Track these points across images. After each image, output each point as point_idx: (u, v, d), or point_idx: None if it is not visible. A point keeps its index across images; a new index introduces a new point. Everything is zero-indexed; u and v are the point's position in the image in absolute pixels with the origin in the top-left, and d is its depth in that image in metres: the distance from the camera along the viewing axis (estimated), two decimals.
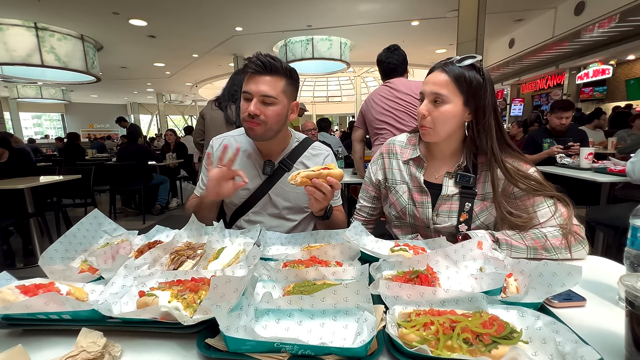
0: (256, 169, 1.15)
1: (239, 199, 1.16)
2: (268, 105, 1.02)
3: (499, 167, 0.90)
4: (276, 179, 1.15)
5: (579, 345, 0.44)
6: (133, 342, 0.54)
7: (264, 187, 1.15)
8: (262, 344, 0.47)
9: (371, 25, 6.31)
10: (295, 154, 1.17)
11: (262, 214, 1.17)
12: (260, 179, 1.15)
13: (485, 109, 0.89)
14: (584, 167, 2.46)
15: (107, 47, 7.03)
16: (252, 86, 1.01)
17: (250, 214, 1.17)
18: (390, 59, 2.16)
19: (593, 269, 0.77)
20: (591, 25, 5.28)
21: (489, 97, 0.89)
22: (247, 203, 1.16)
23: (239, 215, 1.18)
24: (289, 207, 1.17)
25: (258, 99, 1.00)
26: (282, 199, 1.16)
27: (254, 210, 1.16)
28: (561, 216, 0.85)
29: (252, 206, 1.16)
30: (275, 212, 1.17)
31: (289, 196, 1.16)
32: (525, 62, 7.82)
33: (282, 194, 1.15)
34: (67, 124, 17.05)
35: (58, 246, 0.80)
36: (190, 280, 0.62)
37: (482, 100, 0.89)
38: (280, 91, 1.02)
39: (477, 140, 0.93)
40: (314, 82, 16.82)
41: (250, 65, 1.00)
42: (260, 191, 1.15)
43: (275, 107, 1.03)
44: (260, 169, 1.15)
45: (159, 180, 4.74)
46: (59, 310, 0.55)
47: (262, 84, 1.00)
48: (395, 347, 0.49)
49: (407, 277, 0.65)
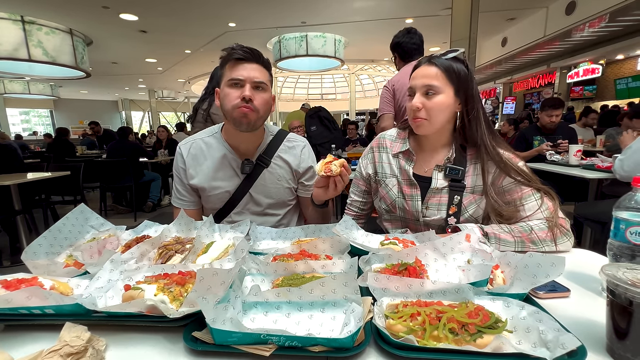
0: (233, 169, 1.11)
1: (220, 202, 1.12)
2: (260, 92, 1.00)
3: (491, 156, 0.92)
4: (255, 176, 1.11)
5: (560, 333, 0.44)
6: (118, 336, 0.53)
7: (243, 187, 1.11)
8: (248, 335, 0.46)
9: (365, 23, 6.30)
10: (272, 148, 1.13)
11: (245, 213, 1.14)
12: (239, 179, 1.11)
13: (474, 99, 0.92)
14: (573, 164, 2.50)
15: (97, 42, 6.89)
16: (242, 72, 0.98)
17: (232, 215, 1.14)
18: (413, 40, 2.23)
19: (578, 261, 0.79)
20: (582, 24, 5.36)
21: (475, 88, 0.93)
22: (228, 205, 1.12)
23: (221, 218, 1.14)
24: (272, 203, 1.15)
25: (251, 84, 0.98)
26: (263, 196, 1.13)
27: (236, 211, 1.13)
28: (547, 209, 0.86)
29: (234, 207, 1.13)
30: (259, 210, 1.14)
31: (270, 192, 1.13)
32: (518, 60, 7.92)
33: (263, 191, 1.13)
34: (57, 120, 16.70)
35: (42, 241, 0.78)
36: (177, 273, 0.62)
37: (470, 91, 0.92)
38: (267, 79, 1.02)
39: (467, 131, 0.95)
40: (308, 80, 16.76)
41: (237, 52, 0.98)
42: (241, 191, 1.11)
43: (265, 95, 1.02)
44: (237, 168, 1.11)
45: (150, 177, 4.68)
46: (42, 304, 0.53)
47: (251, 70, 0.98)
48: (382, 338, 0.49)
49: (395, 269, 0.65)
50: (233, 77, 0.98)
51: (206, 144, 1.13)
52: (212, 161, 1.10)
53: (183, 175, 1.12)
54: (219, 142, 1.12)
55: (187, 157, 1.12)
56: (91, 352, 0.47)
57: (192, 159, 1.12)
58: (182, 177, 1.13)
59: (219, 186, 1.11)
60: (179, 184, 1.14)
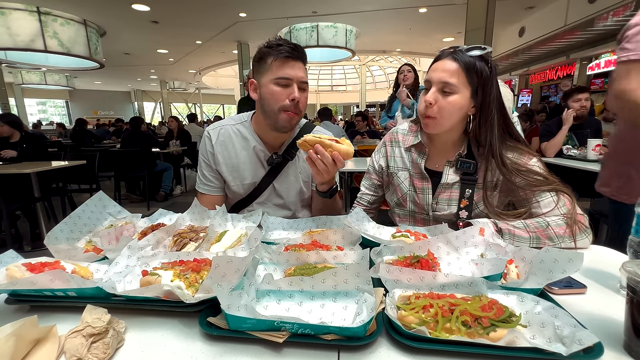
0: (260, 161, 1.11)
1: (243, 192, 1.13)
2: (303, 93, 0.99)
3: (496, 161, 0.90)
4: (280, 168, 1.11)
5: (577, 329, 0.44)
6: (137, 319, 0.55)
7: (268, 179, 1.12)
8: (262, 322, 0.47)
9: (378, 12, 6.18)
10: None
11: (267, 204, 1.15)
12: (264, 170, 1.11)
13: (490, 104, 0.88)
14: (591, 159, 2.42)
15: (110, 33, 6.97)
16: (290, 71, 0.95)
17: (254, 205, 1.14)
18: None
19: (595, 258, 0.77)
20: (605, 13, 5.12)
21: (495, 91, 0.89)
22: (250, 195, 1.13)
23: (241, 207, 1.15)
24: (294, 195, 1.15)
25: (298, 85, 0.97)
26: (286, 188, 1.13)
27: (259, 201, 1.14)
28: (564, 205, 0.84)
29: (256, 198, 1.13)
30: (280, 202, 1.15)
31: (293, 185, 1.14)
32: (535, 51, 7.64)
33: (286, 184, 1.13)
34: (72, 110, 17.09)
35: (63, 227, 0.81)
36: (192, 261, 0.63)
37: (488, 95, 0.88)
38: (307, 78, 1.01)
39: (477, 135, 0.92)
40: (318, 71, 16.61)
41: (285, 49, 0.94)
42: (265, 183, 1.11)
43: (306, 94, 1.01)
44: (264, 160, 1.10)
45: (163, 167, 4.76)
46: (65, 287, 0.56)
47: (297, 69, 0.97)
48: (394, 328, 0.49)
49: (407, 262, 0.65)
50: (282, 76, 0.95)
51: (235, 132, 1.11)
52: (240, 151, 1.10)
53: (212, 160, 1.11)
54: (249, 132, 1.10)
55: (216, 143, 1.10)
56: (112, 334, 0.48)
57: (221, 145, 1.10)
58: (210, 161, 1.11)
59: (245, 176, 1.11)
60: (206, 169, 1.12)
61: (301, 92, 0.98)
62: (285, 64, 0.96)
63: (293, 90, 0.96)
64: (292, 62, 0.96)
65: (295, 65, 0.96)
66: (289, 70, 0.95)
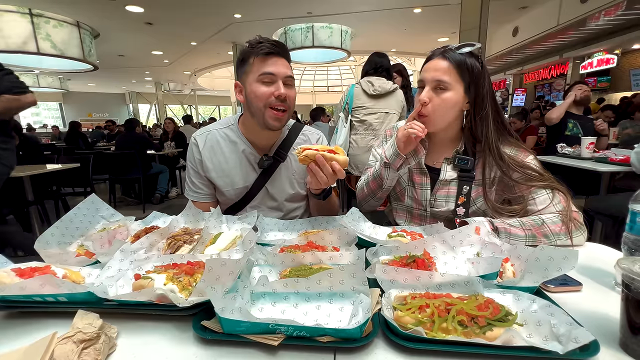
0: (250, 164, 1.08)
1: (236, 197, 1.10)
2: (290, 89, 0.96)
3: (493, 155, 0.90)
4: (271, 171, 1.09)
5: (573, 327, 0.44)
6: (129, 324, 0.54)
7: (260, 182, 1.09)
8: (257, 325, 0.47)
9: (373, 13, 6.19)
10: (288, 142, 1.11)
11: (260, 207, 1.12)
12: (256, 173, 1.09)
13: (484, 98, 0.90)
14: (585, 157, 2.44)
15: (104, 35, 6.91)
16: (272, 67, 0.93)
17: (247, 209, 1.12)
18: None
19: (590, 255, 0.77)
20: (597, 13, 5.18)
21: (487, 85, 0.90)
22: (243, 199, 1.11)
23: (235, 212, 1.12)
24: (288, 197, 1.14)
25: (283, 80, 0.94)
26: (279, 190, 1.12)
27: (252, 205, 1.12)
28: (559, 203, 0.84)
29: (249, 201, 1.11)
30: (274, 204, 1.13)
31: (286, 186, 1.12)
32: (529, 51, 7.71)
33: (279, 186, 1.11)
34: (66, 113, 16.92)
35: (54, 230, 0.79)
36: (186, 263, 0.62)
37: (481, 89, 0.89)
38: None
39: (474, 130, 0.93)
40: (314, 71, 16.62)
41: (265, 45, 0.93)
42: (257, 186, 1.09)
43: (294, 91, 0.98)
44: (255, 163, 1.08)
45: (158, 169, 4.73)
46: (55, 292, 0.55)
47: (281, 65, 0.95)
48: (390, 329, 0.49)
49: (403, 261, 0.65)
50: (265, 72, 0.93)
51: (223, 137, 1.09)
52: (230, 155, 1.07)
53: (200, 167, 1.08)
54: (237, 135, 1.08)
55: (204, 149, 1.07)
56: (103, 339, 0.47)
57: (209, 151, 1.08)
58: (198, 168, 1.09)
59: (235, 181, 1.08)
60: (195, 176, 1.10)
61: (287, 87, 0.95)
62: (267, 60, 0.94)
63: (278, 86, 0.94)
64: (275, 58, 0.94)
65: (278, 61, 0.95)
66: (272, 66, 0.93)
